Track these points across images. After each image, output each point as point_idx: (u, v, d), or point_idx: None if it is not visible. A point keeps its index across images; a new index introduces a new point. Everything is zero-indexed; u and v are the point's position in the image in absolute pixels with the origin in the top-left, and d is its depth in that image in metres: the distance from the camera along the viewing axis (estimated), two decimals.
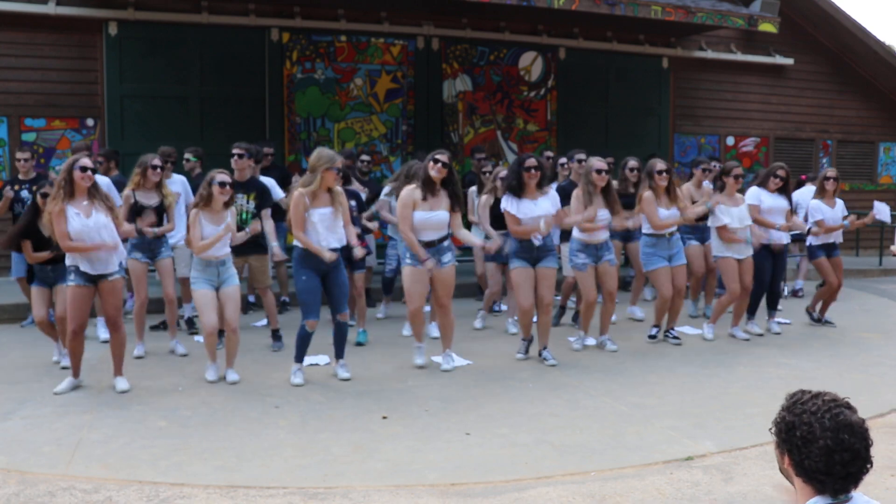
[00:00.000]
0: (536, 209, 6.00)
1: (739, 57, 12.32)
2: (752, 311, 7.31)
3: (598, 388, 5.44)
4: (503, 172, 6.72)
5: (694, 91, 12.28)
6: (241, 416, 4.77)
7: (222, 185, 5.46)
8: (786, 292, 9.01)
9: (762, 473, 3.94)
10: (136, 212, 6.20)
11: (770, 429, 1.97)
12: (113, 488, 3.67)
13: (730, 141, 12.65)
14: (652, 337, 6.91)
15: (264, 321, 7.28)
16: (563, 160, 7.89)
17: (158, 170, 6.25)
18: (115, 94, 9.26)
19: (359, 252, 5.86)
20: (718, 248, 7.01)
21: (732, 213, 6.86)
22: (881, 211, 7.61)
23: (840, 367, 6.09)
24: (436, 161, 5.65)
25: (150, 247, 6.26)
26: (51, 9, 8.89)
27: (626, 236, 7.68)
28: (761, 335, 7.18)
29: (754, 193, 7.17)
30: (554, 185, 7.52)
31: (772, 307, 7.40)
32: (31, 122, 9.12)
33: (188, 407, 4.93)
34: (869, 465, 1.84)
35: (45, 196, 5.72)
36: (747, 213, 6.95)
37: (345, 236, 5.50)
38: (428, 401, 5.12)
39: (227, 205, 5.60)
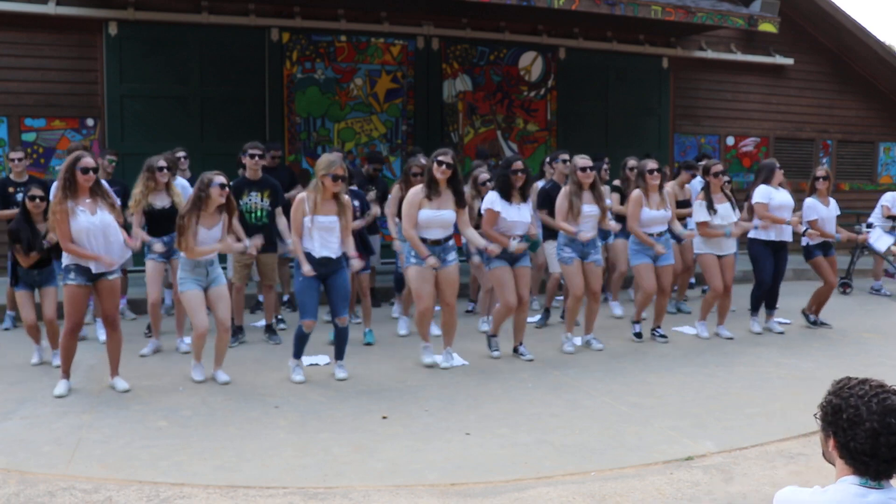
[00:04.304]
0: (518, 214, 6.03)
1: (739, 57, 12.31)
2: (754, 309, 7.32)
3: (598, 388, 5.44)
4: (483, 175, 6.78)
5: (694, 91, 12.28)
6: (241, 416, 4.78)
7: (223, 186, 5.39)
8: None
9: (762, 473, 3.94)
10: (151, 217, 6.25)
11: (815, 413, 2.02)
12: (113, 488, 3.67)
13: (730, 141, 12.65)
14: (637, 335, 6.90)
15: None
16: (547, 159, 7.93)
17: (165, 171, 6.29)
18: (115, 94, 9.25)
19: (356, 264, 5.71)
20: (699, 245, 7.04)
21: (720, 212, 6.90)
22: (878, 239, 7.60)
23: (840, 368, 6.07)
24: (440, 163, 5.69)
25: (166, 246, 6.28)
26: (51, 9, 8.88)
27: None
28: (759, 334, 7.18)
29: (763, 192, 7.15)
30: (540, 184, 7.55)
31: (770, 307, 7.39)
32: (31, 122, 9.11)
33: (188, 407, 4.93)
34: None
35: (32, 198, 5.72)
36: (731, 211, 6.96)
37: (339, 247, 5.47)
38: (428, 401, 5.12)
39: (220, 209, 5.47)
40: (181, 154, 7.67)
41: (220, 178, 5.40)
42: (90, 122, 9.32)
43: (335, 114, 10.21)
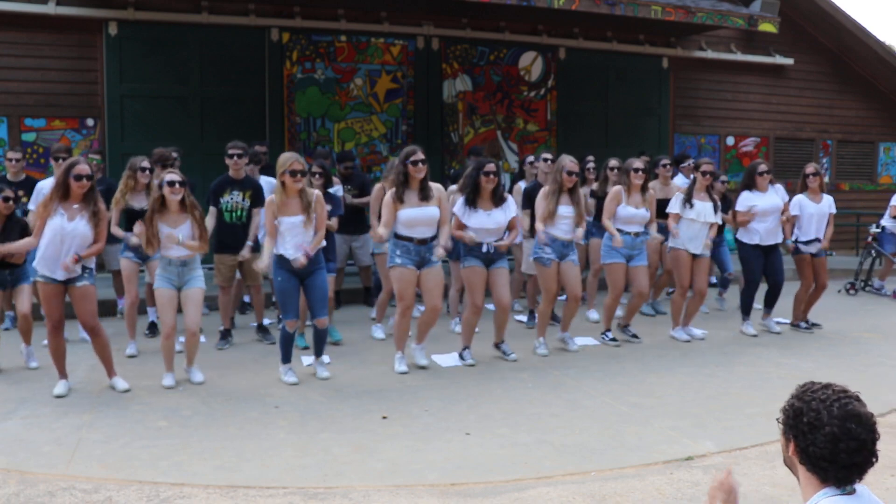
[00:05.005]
0: (488, 221, 5.89)
1: (739, 57, 12.32)
2: (745, 312, 7.28)
3: (598, 388, 5.44)
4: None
5: (694, 91, 12.29)
6: (241, 415, 4.78)
7: (171, 184, 5.27)
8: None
9: (762, 473, 3.94)
10: (130, 216, 6.23)
11: (777, 417, 1.99)
12: (113, 488, 3.67)
13: (730, 141, 12.65)
14: (612, 340, 6.75)
15: (266, 321, 7.28)
16: (530, 158, 7.92)
17: (147, 172, 6.27)
18: (115, 94, 9.25)
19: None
20: (673, 240, 6.97)
21: (696, 208, 6.83)
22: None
23: (840, 367, 6.09)
24: (414, 163, 5.61)
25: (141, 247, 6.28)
26: (51, 9, 8.89)
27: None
28: (755, 336, 7.15)
29: (744, 199, 7.11)
30: (523, 185, 7.49)
31: (768, 305, 7.36)
32: (31, 122, 9.12)
33: (188, 407, 4.94)
34: (874, 459, 1.85)
35: (7, 200, 5.74)
36: (712, 212, 6.88)
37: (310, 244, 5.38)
38: (428, 401, 5.12)
39: (182, 206, 5.34)
40: (174, 154, 7.67)
41: (170, 176, 5.34)
42: (90, 122, 9.32)
43: (335, 114, 10.22)
